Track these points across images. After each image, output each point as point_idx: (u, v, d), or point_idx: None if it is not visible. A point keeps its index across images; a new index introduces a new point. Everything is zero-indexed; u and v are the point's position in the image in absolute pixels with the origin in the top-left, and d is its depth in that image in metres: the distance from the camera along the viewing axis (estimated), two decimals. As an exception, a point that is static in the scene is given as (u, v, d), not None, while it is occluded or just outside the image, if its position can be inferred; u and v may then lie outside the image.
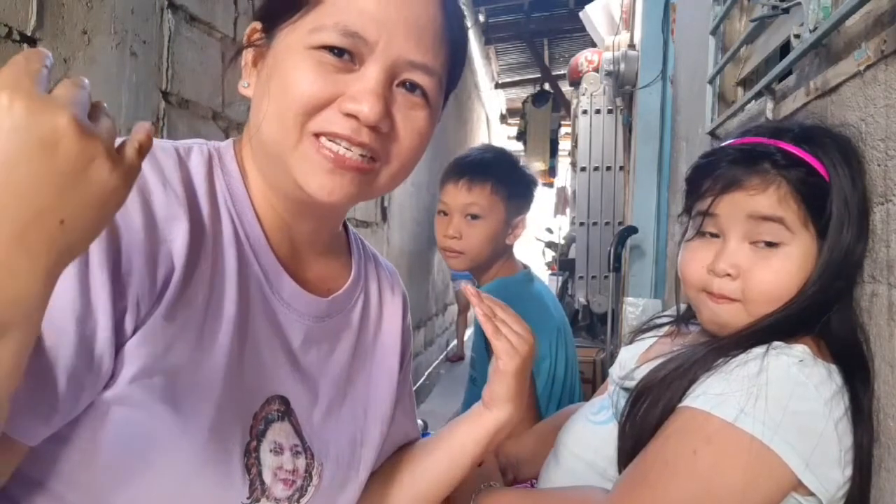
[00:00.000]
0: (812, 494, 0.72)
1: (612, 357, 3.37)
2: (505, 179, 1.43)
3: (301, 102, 0.58)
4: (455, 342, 7.06)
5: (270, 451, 0.63)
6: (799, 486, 0.71)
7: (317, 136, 0.59)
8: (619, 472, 0.84)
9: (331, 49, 0.59)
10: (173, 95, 1.53)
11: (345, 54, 0.59)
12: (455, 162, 1.48)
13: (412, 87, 0.62)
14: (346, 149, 0.59)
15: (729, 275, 0.81)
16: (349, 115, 0.58)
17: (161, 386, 0.55)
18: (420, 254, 5.56)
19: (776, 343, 0.77)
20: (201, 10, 1.64)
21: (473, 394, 1.51)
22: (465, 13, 0.69)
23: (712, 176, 0.83)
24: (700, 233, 0.86)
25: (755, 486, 0.70)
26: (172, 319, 0.56)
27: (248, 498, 0.61)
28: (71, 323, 0.49)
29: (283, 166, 0.61)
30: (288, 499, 0.64)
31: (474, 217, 1.40)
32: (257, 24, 0.66)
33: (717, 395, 0.74)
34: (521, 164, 1.54)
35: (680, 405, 0.77)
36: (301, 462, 0.66)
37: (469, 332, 7.15)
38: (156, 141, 0.60)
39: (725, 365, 0.77)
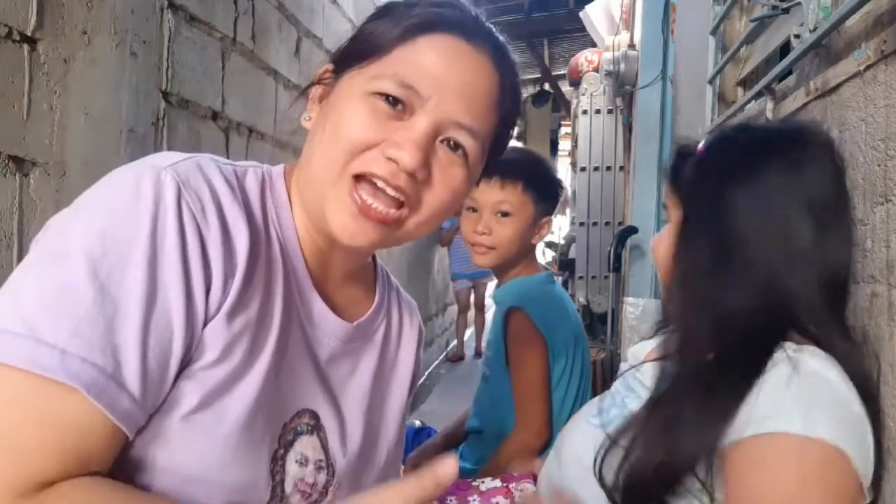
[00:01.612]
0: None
1: (612, 357, 3.37)
2: (535, 180, 1.46)
3: (350, 141, 0.63)
4: (455, 342, 7.06)
5: (296, 461, 0.66)
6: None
7: (356, 178, 0.63)
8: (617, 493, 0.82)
9: (386, 97, 0.63)
10: (173, 95, 1.53)
11: (398, 104, 0.63)
12: None
13: (456, 145, 0.66)
14: (373, 198, 0.63)
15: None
16: (390, 159, 0.62)
17: (211, 384, 0.58)
18: (420, 253, 5.56)
19: (788, 344, 0.77)
20: (201, 10, 1.64)
21: (485, 391, 1.51)
22: (521, 91, 0.73)
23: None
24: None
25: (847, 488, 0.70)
26: (232, 322, 0.60)
27: (268, 502, 0.63)
28: (177, 316, 0.55)
29: (320, 200, 0.65)
30: None
31: (504, 214, 1.42)
32: (329, 65, 0.71)
33: (775, 414, 0.71)
34: (550, 166, 1.58)
35: (744, 436, 0.73)
36: (322, 477, 0.69)
37: (470, 332, 7.16)
38: (216, 158, 0.65)
39: (756, 384, 0.74)
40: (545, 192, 1.48)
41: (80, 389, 0.49)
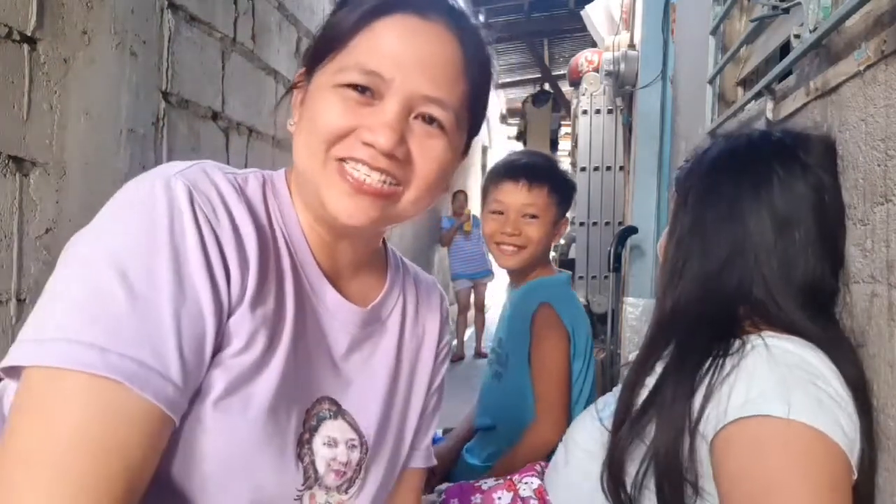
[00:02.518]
0: None
1: (612, 357, 3.37)
2: (558, 183, 1.51)
3: (326, 132, 0.65)
4: (455, 342, 7.06)
5: (324, 444, 0.70)
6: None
7: (340, 161, 0.66)
8: (604, 478, 0.86)
9: (354, 86, 0.66)
10: (173, 95, 1.53)
11: (366, 91, 0.66)
12: (509, 164, 1.55)
13: (430, 120, 0.68)
14: (367, 175, 0.65)
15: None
16: (367, 144, 0.65)
17: (237, 371, 0.61)
18: (420, 253, 5.56)
19: (767, 333, 0.79)
20: (201, 10, 1.64)
21: (497, 389, 1.51)
22: (490, 56, 0.75)
23: None
24: None
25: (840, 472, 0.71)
26: (254, 312, 0.63)
27: (302, 485, 0.67)
28: (207, 306, 0.58)
29: (314, 191, 0.67)
30: (337, 488, 0.71)
31: (532, 217, 1.46)
32: (302, 69, 0.74)
33: (756, 397, 0.73)
34: (563, 168, 1.64)
35: (727, 422, 0.74)
36: (355, 455, 0.73)
37: (470, 332, 7.16)
38: (219, 166, 0.68)
39: (734, 371, 0.77)
40: (565, 195, 1.53)
41: (124, 381, 0.52)
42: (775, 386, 0.73)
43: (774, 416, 0.71)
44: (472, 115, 0.74)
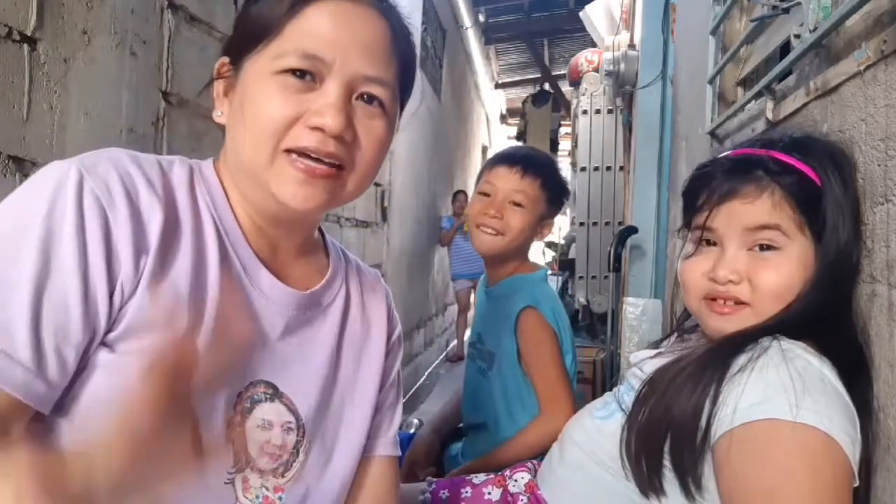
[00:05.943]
0: None
1: (612, 357, 3.38)
2: (552, 180, 1.51)
3: (272, 124, 0.66)
4: (455, 342, 7.06)
5: (258, 426, 0.70)
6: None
7: (288, 151, 0.67)
8: (623, 467, 0.85)
9: (294, 72, 0.67)
10: (173, 95, 1.53)
11: (307, 76, 0.67)
12: (508, 151, 1.55)
13: (370, 98, 0.70)
14: (316, 160, 0.67)
15: (731, 281, 0.83)
16: (315, 129, 0.66)
17: (142, 358, 0.60)
18: (420, 254, 5.56)
19: (783, 338, 0.79)
20: (201, 10, 1.64)
21: (482, 385, 1.50)
22: (412, 30, 0.78)
23: (708, 187, 0.85)
24: (698, 245, 0.89)
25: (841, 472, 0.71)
26: (156, 299, 0.62)
27: (233, 467, 0.68)
28: (74, 291, 0.57)
29: (260, 183, 0.68)
30: (273, 471, 0.71)
31: (517, 204, 1.46)
32: (225, 59, 0.73)
33: (763, 401, 0.73)
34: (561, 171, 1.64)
35: (733, 427, 0.74)
36: (291, 438, 0.73)
37: (469, 332, 7.16)
38: (136, 154, 0.68)
39: (746, 369, 0.76)
40: (557, 194, 1.52)
41: None
42: (784, 389, 0.72)
43: (781, 418, 0.71)
44: (403, 90, 0.77)
